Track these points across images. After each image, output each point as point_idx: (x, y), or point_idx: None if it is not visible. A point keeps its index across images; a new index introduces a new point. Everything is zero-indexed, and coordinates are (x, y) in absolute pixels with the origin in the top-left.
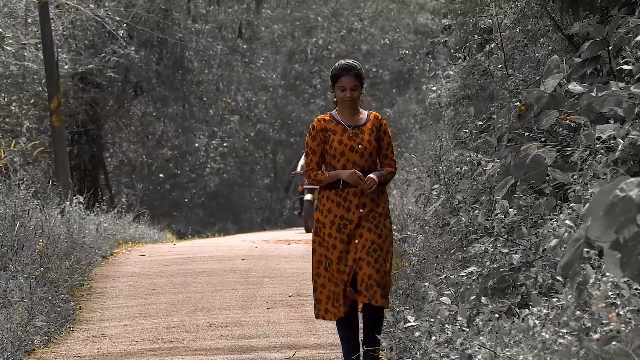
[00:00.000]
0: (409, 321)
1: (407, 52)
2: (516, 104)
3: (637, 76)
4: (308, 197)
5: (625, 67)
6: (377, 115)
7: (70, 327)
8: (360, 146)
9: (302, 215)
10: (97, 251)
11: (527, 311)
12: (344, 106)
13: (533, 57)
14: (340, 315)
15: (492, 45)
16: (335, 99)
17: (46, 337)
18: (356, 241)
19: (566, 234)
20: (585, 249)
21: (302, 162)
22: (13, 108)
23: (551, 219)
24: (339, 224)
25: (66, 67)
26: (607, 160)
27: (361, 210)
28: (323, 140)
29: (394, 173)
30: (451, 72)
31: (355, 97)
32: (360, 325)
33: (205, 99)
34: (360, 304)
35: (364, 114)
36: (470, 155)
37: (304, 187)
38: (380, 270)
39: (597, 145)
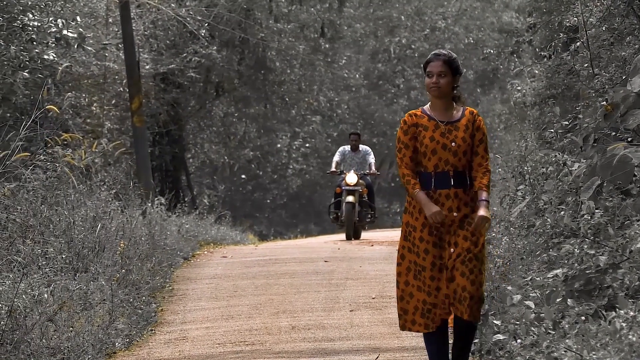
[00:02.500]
0: (494, 324)
1: (492, 51)
2: (602, 103)
3: None
4: (350, 199)
5: None
6: (473, 110)
7: (151, 330)
8: (453, 144)
9: (338, 220)
10: (178, 253)
11: (613, 314)
12: (432, 95)
13: (619, 56)
14: (432, 329)
15: (578, 44)
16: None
17: (127, 340)
18: (452, 250)
19: None
20: None
21: (336, 158)
22: (94, 109)
23: (638, 220)
24: (430, 226)
25: (147, 67)
26: None
27: (455, 214)
28: (414, 135)
29: (489, 176)
30: (536, 71)
31: (441, 84)
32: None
33: (287, 99)
34: (451, 317)
35: (458, 109)
36: (555, 155)
37: (343, 188)
38: (475, 282)
39: None
